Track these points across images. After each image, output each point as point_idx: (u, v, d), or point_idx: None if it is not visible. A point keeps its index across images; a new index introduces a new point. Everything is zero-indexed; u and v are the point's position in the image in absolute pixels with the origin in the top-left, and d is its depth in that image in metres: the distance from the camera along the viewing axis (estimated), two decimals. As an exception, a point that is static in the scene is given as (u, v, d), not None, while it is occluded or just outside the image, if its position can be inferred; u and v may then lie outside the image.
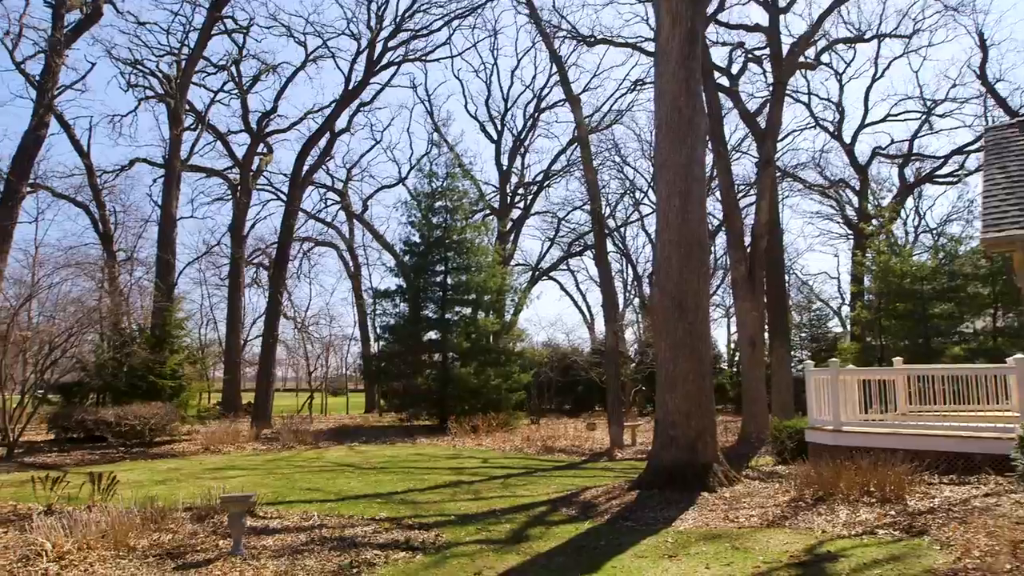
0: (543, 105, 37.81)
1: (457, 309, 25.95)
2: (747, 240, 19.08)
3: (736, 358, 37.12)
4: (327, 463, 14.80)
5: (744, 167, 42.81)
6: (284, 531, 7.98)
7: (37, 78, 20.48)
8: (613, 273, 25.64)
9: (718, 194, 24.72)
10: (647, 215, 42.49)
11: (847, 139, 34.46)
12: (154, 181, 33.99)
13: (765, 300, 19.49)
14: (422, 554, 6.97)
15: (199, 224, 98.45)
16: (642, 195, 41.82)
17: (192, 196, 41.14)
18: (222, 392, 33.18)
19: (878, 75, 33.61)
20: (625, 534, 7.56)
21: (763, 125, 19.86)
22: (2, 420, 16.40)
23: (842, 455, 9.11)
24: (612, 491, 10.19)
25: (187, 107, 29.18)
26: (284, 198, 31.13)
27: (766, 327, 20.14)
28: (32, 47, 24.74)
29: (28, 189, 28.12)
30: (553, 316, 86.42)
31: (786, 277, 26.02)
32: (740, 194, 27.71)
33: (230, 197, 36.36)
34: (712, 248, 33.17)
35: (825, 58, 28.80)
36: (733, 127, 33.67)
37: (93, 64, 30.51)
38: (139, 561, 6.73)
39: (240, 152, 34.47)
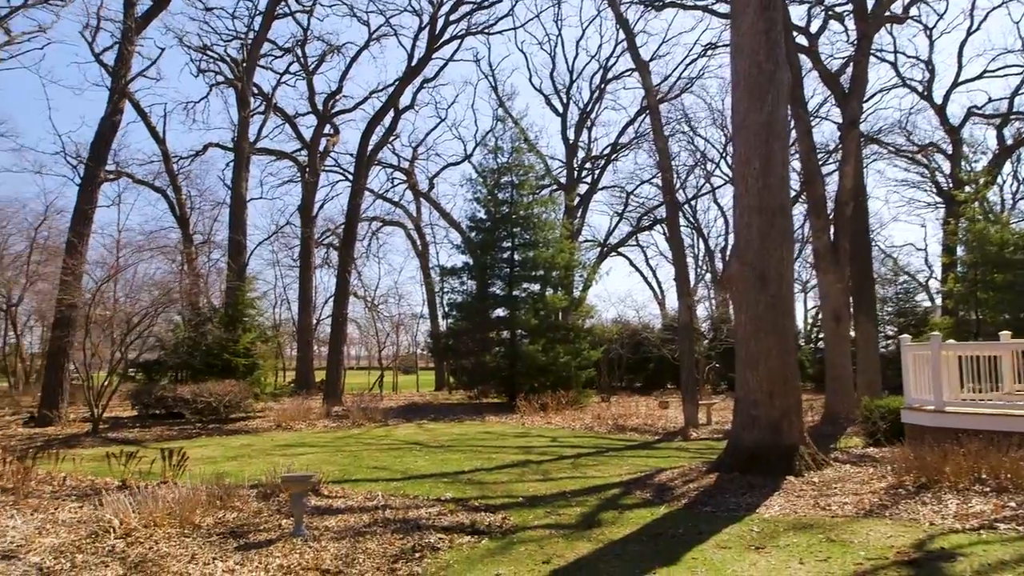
0: (609, 76, 36.81)
1: (525, 285, 25.57)
2: (829, 208, 17.96)
3: (815, 334, 35.56)
4: (395, 441, 14.72)
5: (822, 133, 40.72)
6: (348, 511, 7.79)
7: (112, 65, 20.99)
8: (684, 247, 24.64)
9: (797, 160, 23.40)
10: (719, 187, 41.13)
11: (938, 99, 32.10)
12: (227, 165, 34.84)
13: (848, 272, 18.31)
14: (488, 538, 6.64)
15: (270, 206, 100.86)
16: (713, 166, 40.43)
17: (261, 178, 42.05)
18: (296, 370, 33.97)
19: (974, 28, 31.07)
20: (705, 521, 7.02)
21: (846, 85, 18.55)
22: (88, 397, 17.02)
23: (947, 438, 8.29)
24: (689, 473, 9.63)
25: (255, 90, 29.62)
26: (351, 178, 31.30)
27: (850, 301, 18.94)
28: (110, 39, 25.52)
29: (111, 176, 29.21)
30: (623, 292, 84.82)
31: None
32: (819, 161, 26.12)
33: (299, 179, 36.95)
34: (790, 218, 31.51)
35: (914, 11, 26.76)
36: (810, 92, 31.83)
37: (163, 49, 31.50)
38: (202, 540, 6.63)
39: (308, 134, 34.98)
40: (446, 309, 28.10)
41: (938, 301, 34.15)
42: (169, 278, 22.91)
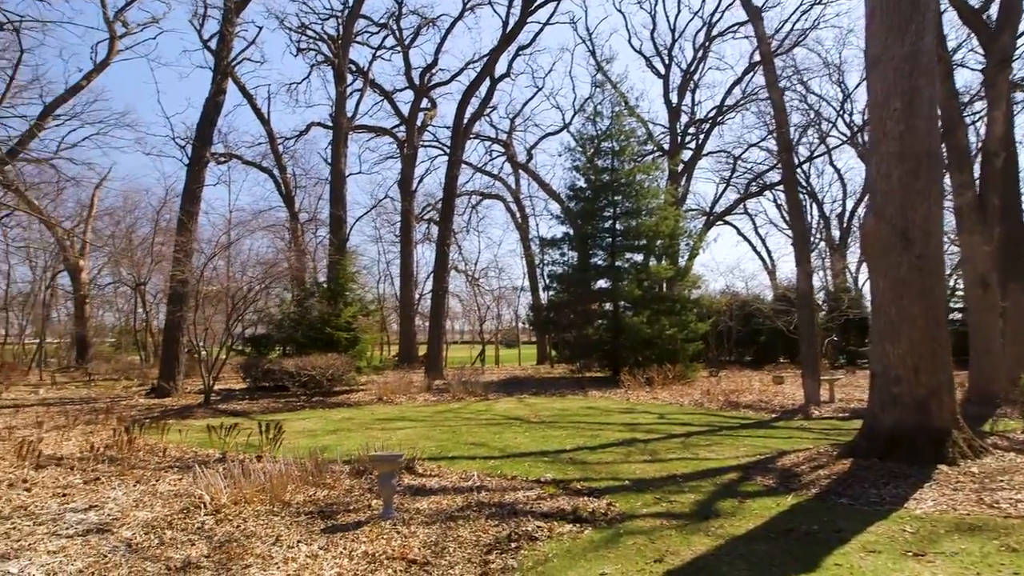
0: (714, 32, 34.73)
1: (627, 255, 24.58)
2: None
3: (950, 302, 32.54)
4: (495, 416, 14.30)
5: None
6: (441, 492, 7.32)
7: (207, 42, 21.44)
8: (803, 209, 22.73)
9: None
10: (835, 147, 38.28)
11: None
12: (329, 144, 35.49)
13: (997, 232, 16.18)
14: (591, 528, 5.97)
15: (371, 183, 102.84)
16: (829, 126, 37.61)
17: (359, 153, 42.87)
18: (399, 344, 34.43)
19: None
20: (843, 516, 6.07)
21: (992, 22, 16.27)
22: (200, 370, 17.61)
23: None
24: (816, 457, 8.58)
25: (352, 67, 29.74)
26: (448, 151, 31.11)
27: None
28: (216, 26, 26.32)
29: (222, 158, 30.24)
30: (731, 262, 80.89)
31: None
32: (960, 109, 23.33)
33: (398, 155, 37.20)
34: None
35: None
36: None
37: (260, 28, 32.30)
38: (290, 519, 6.33)
39: (406, 110, 35.05)
40: (546, 281, 27.50)
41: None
42: (276, 256, 23.46)
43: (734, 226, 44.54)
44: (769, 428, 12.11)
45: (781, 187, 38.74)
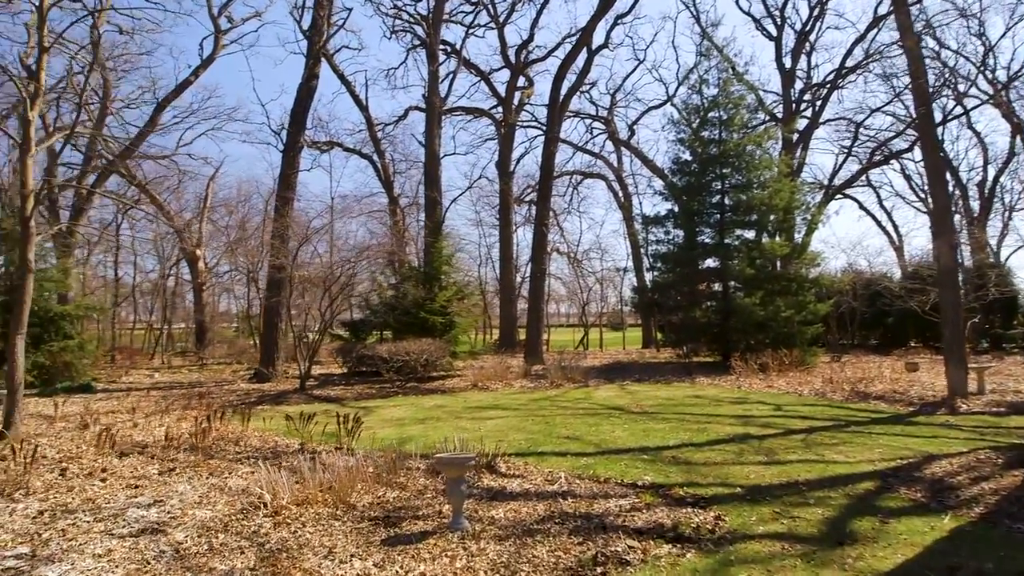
0: (834, -14, 31.76)
1: (737, 232, 22.81)
2: None
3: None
4: (593, 405, 13.37)
5: None
6: (522, 497, 6.51)
7: (307, 31, 21.42)
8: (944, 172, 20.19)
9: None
10: (972, 108, 34.31)
11: None
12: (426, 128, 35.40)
13: None
14: (694, 550, 4.98)
15: (468, 163, 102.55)
16: (967, 84, 33.71)
17: (454, 134, 42.67)
18: (499, 328, 34.00)
19: None
20: (1024, 548, 4.77)
21: None
22: (297, 355, 17.65)
23: None
24: (976, 466, 7.14)
25: (447, 49, 29.27)
26: (544, 127, 30.18)
27: None
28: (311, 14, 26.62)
29: (325, 146, 30.60)
30: (853, 237, 74.90)
31: None
32: None
33: (496, 136, 36.61)
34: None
35: None
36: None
37: (350, 10, 32.44)
38: (351, 525, 5.71)
39: (502, 90, 34.35)
40: (650, 261, 26.08)
41: None
42: (375, 241, 23.41)
43: (855, 199, 41.16)
44: (907, 424, 10.52)
45: (909, 155, 35.39)
